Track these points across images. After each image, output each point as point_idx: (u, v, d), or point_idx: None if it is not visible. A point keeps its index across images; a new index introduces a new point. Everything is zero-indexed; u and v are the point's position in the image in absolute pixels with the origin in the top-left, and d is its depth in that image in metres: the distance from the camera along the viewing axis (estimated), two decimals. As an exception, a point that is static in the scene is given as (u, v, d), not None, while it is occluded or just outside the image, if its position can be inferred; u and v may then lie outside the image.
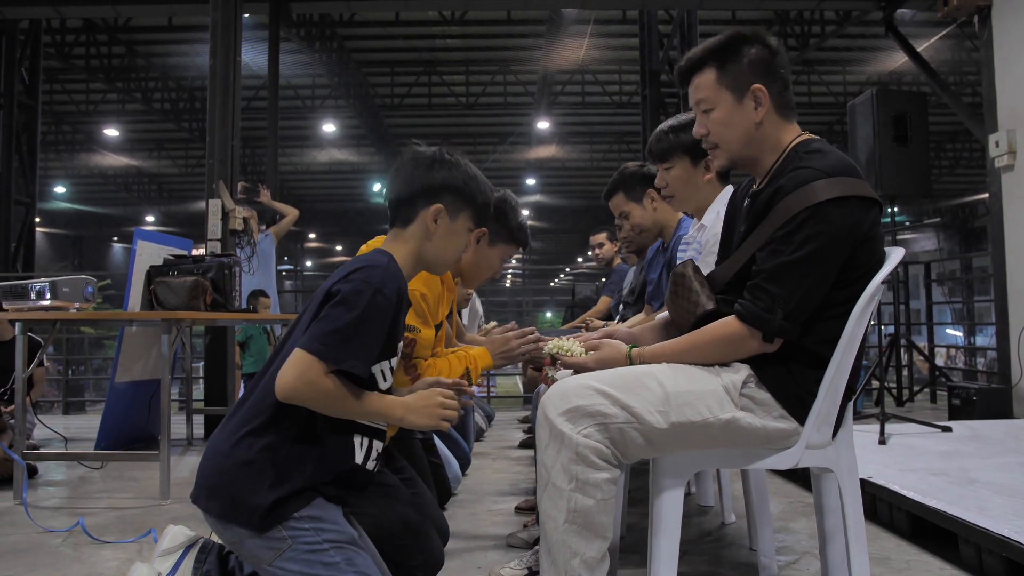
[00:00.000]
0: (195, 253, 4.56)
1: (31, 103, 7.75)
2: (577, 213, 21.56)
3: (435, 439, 2.89)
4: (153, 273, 3.70)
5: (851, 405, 1.58)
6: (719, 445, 1.49)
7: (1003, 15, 4.99)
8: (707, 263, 1.99)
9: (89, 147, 16.75)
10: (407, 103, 14.16)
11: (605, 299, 4.66)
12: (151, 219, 21.57)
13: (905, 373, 6.76)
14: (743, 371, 1.48)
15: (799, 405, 1.48)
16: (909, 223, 17.38)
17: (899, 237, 7.41)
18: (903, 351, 6.51)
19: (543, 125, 15.16)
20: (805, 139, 1.57)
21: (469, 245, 2.27)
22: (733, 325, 1.46)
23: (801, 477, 3.26)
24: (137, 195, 20.36)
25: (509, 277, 26.73)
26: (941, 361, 11.29)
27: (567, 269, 27.27)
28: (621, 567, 2.15)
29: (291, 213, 6.35)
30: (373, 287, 1.35)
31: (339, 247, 26.62)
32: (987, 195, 5.24)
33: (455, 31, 11.30)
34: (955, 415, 4.76)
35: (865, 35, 10.68)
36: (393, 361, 1.47)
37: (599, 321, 3.34)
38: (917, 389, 6.74)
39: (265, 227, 6.15)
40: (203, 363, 5.89)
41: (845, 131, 5.10)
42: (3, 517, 2.89)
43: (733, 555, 2.36)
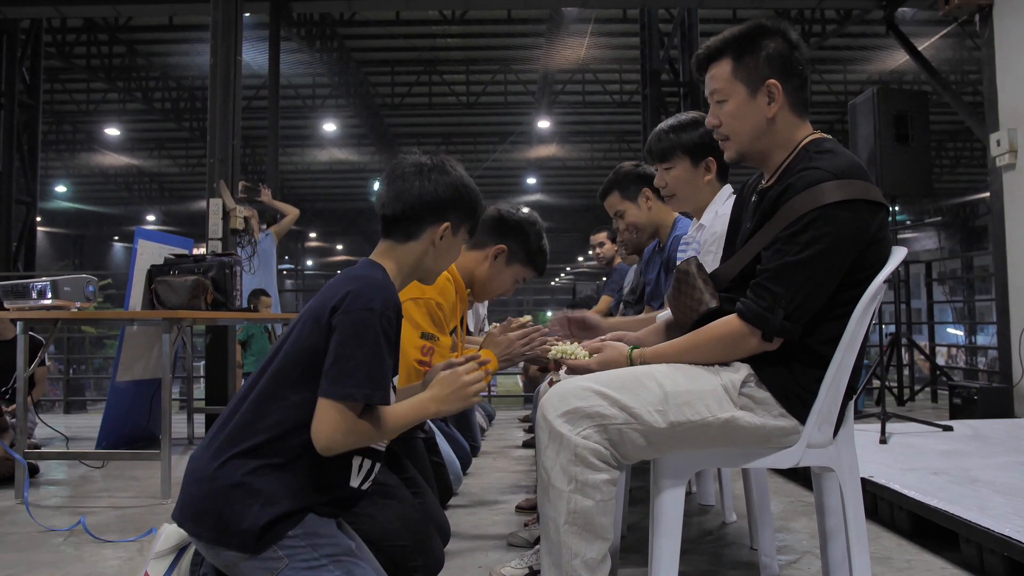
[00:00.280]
0: (196, 252, 4.56)
1: (32, 102, 7.74)
2: (578, 212, 21.54)
3: (437, 438, 2.89)
4: (154, 272, 3.71)
5: (852, 404, 1.58)
6: (718, 445, 1.49)
7: (1004, 14, 4.99)
8: (705, 262, 1.98)
9: (90, 146, 16.75)
10: (408, 102, 14.16)
11: (606, 298, 4.65)
12: (152, 218, 21.57)
13: (906, 372, 6.76)
14: (743, 370, 1.48)
15: (800, 404, 1.47)
16: (910, 222, 17.38)
17: (900, 236, 7.40)
18: (904, 350, 6.51)
19: (544, 124, 15.16)
20: (817, 138, 1.56)
21: (486, 260, 2.25)
22: (734, 323, 1.46)
23: (802, 476, 3.26)
24: (138, 194, 20.37)
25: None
26: (942, 360, 11.27)
27: (568, 268, 27.28)
28: (622, 566, 2.15)
29: (292, 212, 6.36)
30: (376, 314, 1.32)
31: (340, 246, 26.63)
32: (988, 194, 5.24)
33: (456, 30, 11.29)
34: (956, 414, 4.75)
35: (866, 34, 10.66)
36: (395, 379, 1.46)
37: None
38: (918, 388, 6.73)
39: (266, 226, 6.16)
40: (204, 362, 5.89)
41: (846, 130, 5.09)
42: (4, 516, 2.89)
43: (734, 554, 2.36)
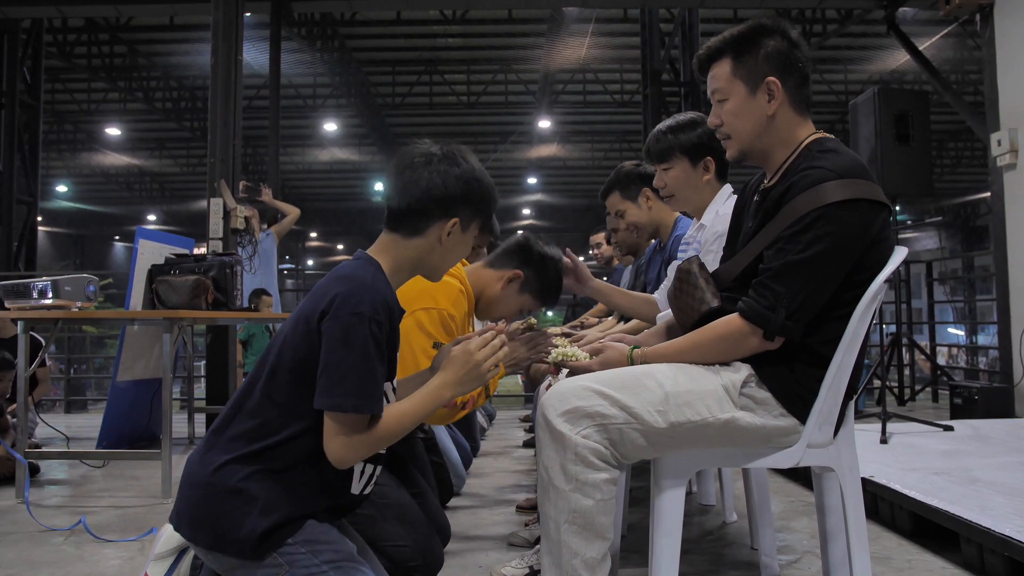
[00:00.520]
0: (197, 252, 4.56)
1: (33, 102, 7.75)
2: (578, 212, 21.55)
3: (437, 438, 2.89)
4: (155, 272, 3.71)
5: (852, 404, 1.57)
6: (718, 445, 1.49)
7: (1005, 13, 4.98)
8: (706, 262, 1.98)
9: (91, 146, 16.77)
10: (408, 102, 14.16)
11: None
12: (153, 218, 21.58)
13: (907, 372, 6.76)
14: (743, 371, 1.47)
15: (800, 404, 1.47)
16: (911, 222, 17.37)
17: (901, 236, 7.39)
18: (905, 350, 6.51)
19: (544, 124, 15.16)
20: (819, 137, 1.55)
21: (500, 281, 2.20)
22: (735, 322, 1.46)
23: (802, 476, 3.26)
24: (139, 194, 20.39)
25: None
26: (943, 360, 11.26)
27: (568, 268, 27.21)
28: (622, 566, 2.15)
29: (292, 212, 6.36)
30: (365, 318, 1.26)
31: (340, 246, 26.63)
32: (989, 194, 5.24)
33: (456, 30, 11.30)
34: (957, 414, 4.75)
35: (867, 34, 10.65)
36: (395, 381, 1.42)
37: (594, 319, 3.34)
38: (919, 388, 6.73)
39: (267, 226, 6.16)
40: (204, 362, 5.90)
41: (847, 130, 5.09)
42: (5, 516, 2.89)
43: (734, 554, 2.36)
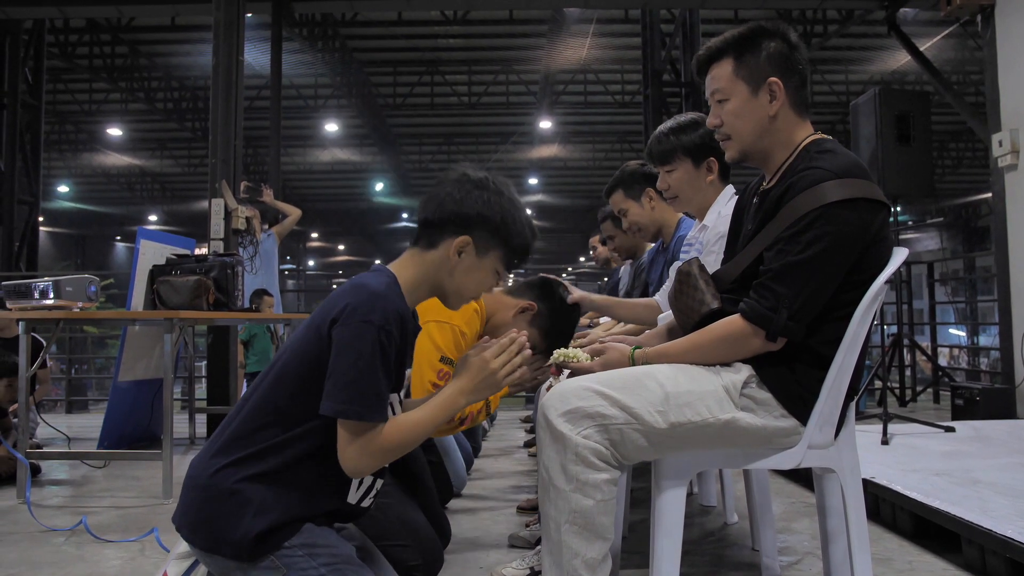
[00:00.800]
0: (198, 252, 4.56)
1: (35, 103, 7.75)
2: (579, 213, 21.54)
3: (446, 440, 2.87)
4: (156, 272, 3.71)
5: (853, 405, 1.57)
6: (719, 445, 1.49)
7: (1006, 14, 4.98)
8: (708, 263, 1.98)
9: (92, 146, 16.78)
10: (409, 103, 14.17)
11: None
12: (154, 218, 21.59)
13: (908, 373, 6.74)
14: (744, 371, 1.47)
15: (801, 405, 1.47)
16: (912, 223, 17.37)
17: (902, 237, 7.38)
18: (906, 351, 6.49)
19: (545, 125, 15.16)
20: (818, 138, 1.56)
21: (512, 309, 2.13)
22: (737, 324, 1.46)
23: (803, 477, 3.25)
24: (140, 194, 20.39)
25: (511, 278, 26.66)
26: (944, 361, 11.26)
27: (569, 268, 27.25)
28: (623, 567, 2.15)
29: (294, 213, 6.36)
30: (375, 327, 1.25)
31: (341, 246, 26.67)
32: (990, 195, 5.24)
33: (457, 31, 11.30)
34: (958, 415, 4.74)
35: (868, 34, 10.66)
36: (402, 395, 1.42)
37: (598, 319, 3.33)
38: (920, 389, 6.72)
39: (268, 226, 6.16)
40: (205, 362, 5.90)
41: (848, 130, 5.09)
42: (6, 516, 2.90)
43: (735, 555, 2.35)
